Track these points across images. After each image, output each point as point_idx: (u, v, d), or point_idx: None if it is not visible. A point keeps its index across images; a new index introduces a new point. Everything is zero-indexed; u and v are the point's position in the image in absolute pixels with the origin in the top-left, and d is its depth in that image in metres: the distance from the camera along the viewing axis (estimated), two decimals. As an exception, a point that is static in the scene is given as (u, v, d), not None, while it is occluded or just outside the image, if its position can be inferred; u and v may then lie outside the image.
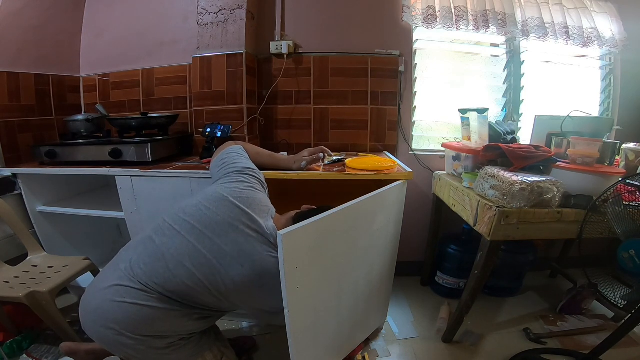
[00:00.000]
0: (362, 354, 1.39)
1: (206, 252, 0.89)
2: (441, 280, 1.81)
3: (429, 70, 1.86)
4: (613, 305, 1.09)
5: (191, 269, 0.88)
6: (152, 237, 0.95)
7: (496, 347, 1.44)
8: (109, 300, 0.87)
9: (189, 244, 0.91)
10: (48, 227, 1.63)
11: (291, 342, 0.92)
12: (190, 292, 0.89)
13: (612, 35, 1.80)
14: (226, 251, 0.90)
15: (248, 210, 0.95)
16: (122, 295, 0.87)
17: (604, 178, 1.18)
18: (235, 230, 0.92)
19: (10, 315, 1.37)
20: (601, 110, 1.98)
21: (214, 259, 0.89)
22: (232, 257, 0.89)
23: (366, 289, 1.29)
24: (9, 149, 1.56)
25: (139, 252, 0.94)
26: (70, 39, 1.89)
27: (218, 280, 0.88)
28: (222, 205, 0.96)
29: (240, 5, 1.57)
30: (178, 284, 0.88)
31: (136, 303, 0.86)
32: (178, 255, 0.90)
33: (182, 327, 0.93)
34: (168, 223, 0.96)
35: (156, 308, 0.87)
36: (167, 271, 0.88)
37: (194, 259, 0.89)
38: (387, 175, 1.27)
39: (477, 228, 1.24)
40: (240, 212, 0.94)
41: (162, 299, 0.88)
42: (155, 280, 0.88)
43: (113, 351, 0.91)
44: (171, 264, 0.89)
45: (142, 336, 0.87)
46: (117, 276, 0.90)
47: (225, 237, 0.91)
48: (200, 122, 1.65)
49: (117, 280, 0.89)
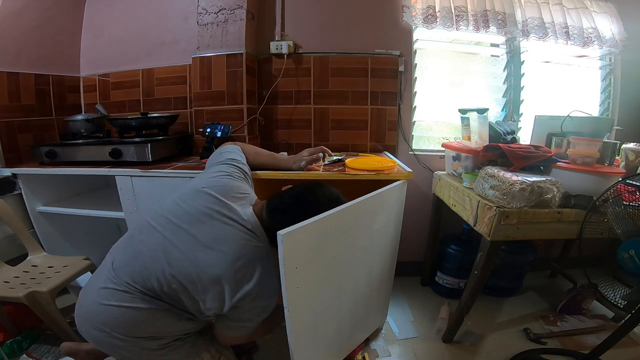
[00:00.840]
0: (362, 354, 1.39)
1: (180, 245, 0.87)
2: (441, 280, 1.81)
3: (429, 70, 1.86)
4: (613, 305, 1.09)
5: (164, 265, 0.85)
6: (133, 235, 0.95)
7: (496, 347, 1.44)
8: (97, 303, 0.87)
9: (164, 239, 0.88)
10: (48, 227, 1.63)
11: (291, 342, 0.92)
12: (169, 290, 0.86)
13: (612, 35, 1.80)
14: (201, 242, 0.86)
15: (223, 199, 0.92)
16: (108, 298, 0.86)
17: (604, 178, 1.18)
18: (210, 219, 0.89)
19: (10, 315, 1.37)
20: (601, 110, 1.98)
21: (187, 251, 0.86)
22: (206, 246, 0.86)
23: (366, 289, 1.29)
24: (9, 149, 1.56)
25: (121, 252, 0.93)
26: (70, 39, 1.89)
27: (192, 274, 0.84)
28: (197, 196, 0.94)
29: (240, 5, 1.57)
30: (154, 282, 0.86)
31: (121, 305, 0.85)
32: (154, 251, 0.88)
33: (173, 328, 0.92)
34: (147, 221, 0.95)
35: (142, 309, 0.85)
36: (144, 269, 0.86)
37: (168, 253, 0.86)
38: (387, 175, 1.27)
39: (477, 228, 1.24)
40: (215, 201, 0.92)
41: (145, 299, 0.86)
42: (136, 279, 0.87)
43: (109, 353, 0.92)
44: (147, 261, 0.87)
45: (133, 337, 0.87)
46: (103, 278, 0.90)
47: (200, 227, 0.88)
48: (200, 122, 1.65)
49: (103, 282, 0.89)
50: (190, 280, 0.85)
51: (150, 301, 0.87)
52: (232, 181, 1.00)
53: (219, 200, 0.92)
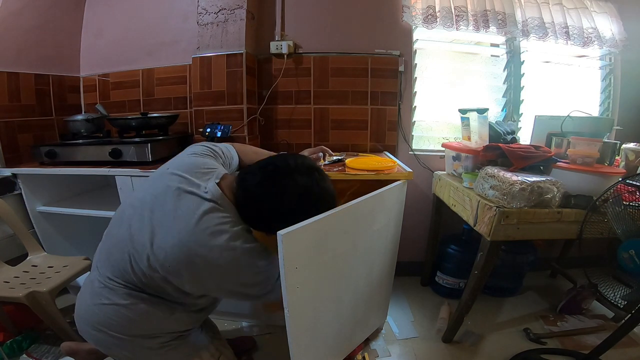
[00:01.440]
0: (362, 354, 1.39)
1: (144, 232, 0.83)
2: (441, 280, 1.81)
3: (429, 70, 1.86)
4: (613, 305, 1.09)
5: (133, 255, 0.82)
6: (109, 232, 0.93)
7: (496, 347, 1.44)
8: (90, 304, 0.87)
9: (129, 227, 0.85)
10: (48, 227, 1.63)
11: (291, 342, 0.92)
12: (147, 281, 0.83)
13: (612, 35, 1.80)
14: (163, 222, 0.82)
15: (185, 175, 0.87)
16: (99, 297, 0.86)
17: (604, 178, 1.18)
18: (171, 196, 0.84)
19: (10, 315, 1.37)
20: (601, 110, 1.98)
21: (150, 235, 0.81)
22: (165, 225, 0.81)
23: (366, 288, 1.29)
24: (9, 149, 1.56)
25: (100, 250, 0.93)
26: (70, 39, 1.89)
27: (159, 257, 0.80)
28: (162, 178, 0.90)
29: (240, 5, 1.57)
30: (132, 274, 0.84)
31: (113, 303, 0.85)
32: (123, 243, 0.85)
33: (168, 324, 0.91)
34: (118, 214, 0.94)
35: (130, 305, 0.85)
36: (120, 263, 0.85)
37: (134, 243, 0.83)
38: (387, 175, 1.27)
39: (477, 228, 1.24)
40: (177, 178, 0.87)
41: (131, 293, 0.85)
42: (116, 274, 0.86)
43: (109, 354, 0.92)
44: (119, 255, 0.85)
45: (130, 336, 0.87)
46: (92, 278, 0.90)
47: (162, 207, 0.84)
48: (200, 122, 1.65)
49: (92, 282, 0.89)
50: (160, 264, 0.80)
51: (136, 295, 0.85)
52: (197, 158, 0.95)
53: (180, 177, 0.87)
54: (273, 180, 0.84)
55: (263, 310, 1.52)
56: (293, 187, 0.83)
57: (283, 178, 0.84)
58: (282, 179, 0.84)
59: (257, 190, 0.84)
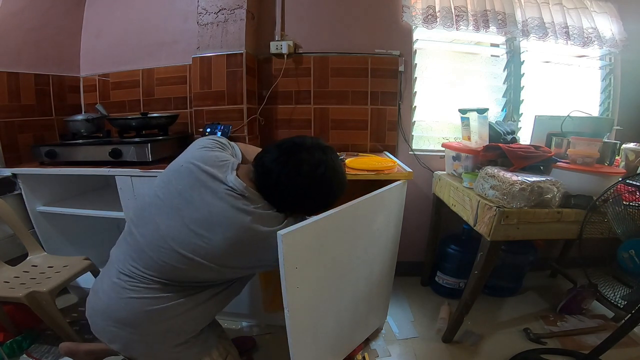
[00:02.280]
0: (362, 354, 1.39)
1: (180, 226, 0.84)
2: (441, 280, 1.81)
3: (429, 70, 1.86)
4: (613, 305, 1.09)
5: (175, 249, 0.83)
6: (131, 230, 0.93)
7: (496, 347, 1.44)
8: (115, 298, 0.87)
9: (161, 225, 0.85)
10: (48, 227, 1.63)
11: (291, 342, 0.92)
12: (188, 272, 0.85)
13: (612, 35, 1.80)
14: (198, 218, 0.83)
15: (205, 166, 0.87)
16: (127, 291, 0.86)
17: (604, 178, 1.18)
18: (199, 190, 0.85)
19: (10, 315, 1.37)
20: (601, 110, 1.98)
21: (190, 231, 0.83)
22: (205, 220, 0.83)
23: (366, 288, 1.29)
24: (9, 149, 1.56)
25: (124, 249, 0.92)
26: (70, 39, 1.89)
27: (205, 247, 0.82)
28: (180, 172, 0.90)
29: (240, 5, 1.57)
30: (171, 269, 0.85)
31: (142, 297, 0.85)
32: (156, 240, 0.85)
33: (189, 322, 0.92)
34: (139, 211, 0.94)
35: (162, 298, 0.85)
36: (153, 260, 0.85)
37: (174, 238, 0.83)
38: (387, 175, 1.27)
39: (477, 228, 1.24)
40: (197, 170, 0.87)
41: (165, 288, 0.86)
42: (151, 270, 0.86)
43: (123, 351, 0.90)
44: (153, 252, 0.85)
45: (151, 334, 0.87)
46: (116, 275, 0.90)
47: (192, 204, 0.85)
48: (200, 122, 1.65)
49: (116, 278, 0.89)
50: (206, 256, 0.83)
51: (171, 289, 0.87)
52: (207, 152, 0.95)
53: (200, 169, 0.88)
54: (289, 155, 0.86)
55: (263, 311, 1.52)
56: (309, 160, 0.86)
57: (299, 152, 0.87)
58: (299, 152, 0.87)
59: (274, 167, 0.85)
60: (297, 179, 0.85)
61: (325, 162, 0.88)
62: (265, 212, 0.86)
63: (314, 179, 0.86)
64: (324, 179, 0.88)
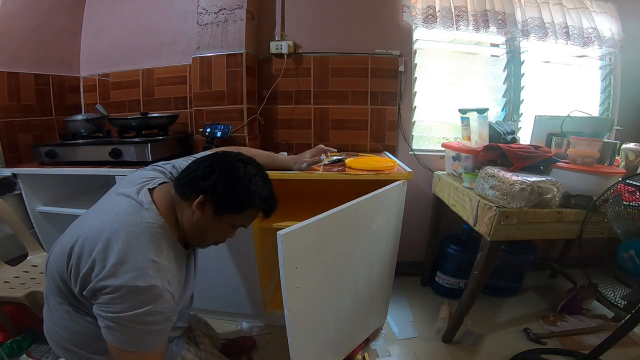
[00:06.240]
0: (362, 354, 1.39)
1: (69, 246, 0.76)
2: (441, 280, 1.81)
3: (429, 70, 1.86)
4: (613, 305, 1.09)
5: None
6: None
7: (496, 347, 1.44)
8: (48, 322, 0.85)
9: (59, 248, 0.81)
10: (48, 227, 1.62)
11: (291, 342, 0.92)
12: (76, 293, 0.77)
13: (612, 35, 1.80)
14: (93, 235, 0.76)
15: (116, 189, 0.88)
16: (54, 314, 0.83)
17: (604, 178, 1.18)
18: (103, 207, 0.85)
19: (10, 315, 1.37)
20: (601, 110, 1.98)
21: (75, 247, 0.76)
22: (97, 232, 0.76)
23: (366, 288, 1.29)
24: (9, 149, 1.56)
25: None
26: (70, 39, 1.89)
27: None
28: (107, 197, 0.90)
29: (240, 5, 1.57)
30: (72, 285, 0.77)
31: (72, 319, 0.81)
32: (51, 266, 0.80)
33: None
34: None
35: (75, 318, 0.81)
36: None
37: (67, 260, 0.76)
38: (387, 175, 1.27)
39: (477, 228, 1.24)
40: (110, 193, 0.88)
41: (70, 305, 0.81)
42: (58, 298, 0.81)
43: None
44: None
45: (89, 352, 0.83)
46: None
47: (94, 220, 0.80)
48: (200, 122, 1.65)
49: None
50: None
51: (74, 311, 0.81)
52: (132, 174, 0.93)
53: (113, 191, 0.88)
54: (209, 160, 0.83)
55: (263, 311, 1.52)
56: (225, 160, 0.83)
57: (218, 158, 0.84)
58: (218, 158, 0.84)
59: (192, 165, 0.83)
60: (211, 169, 0.81)
61: (241, 161, 0.84)
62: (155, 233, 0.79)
63: (225, 169, 0.82)
64: (237, 172, 0.82)
